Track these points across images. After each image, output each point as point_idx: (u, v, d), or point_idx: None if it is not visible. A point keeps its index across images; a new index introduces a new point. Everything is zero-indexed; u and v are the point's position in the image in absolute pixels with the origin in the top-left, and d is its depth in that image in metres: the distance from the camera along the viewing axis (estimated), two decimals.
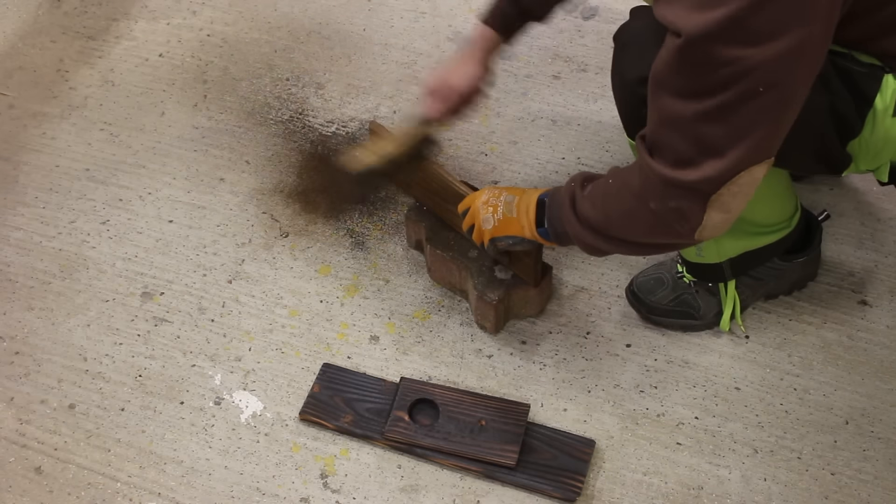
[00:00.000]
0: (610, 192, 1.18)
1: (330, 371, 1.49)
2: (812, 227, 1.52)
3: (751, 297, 1.52)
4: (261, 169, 1.81)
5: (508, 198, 1.34)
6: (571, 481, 1.35)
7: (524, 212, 1.31)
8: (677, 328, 1.53)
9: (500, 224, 1.34)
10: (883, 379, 1.46)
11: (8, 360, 1.54)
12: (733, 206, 1.09)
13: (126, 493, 1.38)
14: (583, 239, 1.23)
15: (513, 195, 1.35)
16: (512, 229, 1.33)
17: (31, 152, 1.87)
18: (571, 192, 1.23)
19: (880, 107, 1.16)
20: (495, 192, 1.37)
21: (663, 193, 1.09)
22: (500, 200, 1.35)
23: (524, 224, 1.31)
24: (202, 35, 2.10)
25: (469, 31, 2.01)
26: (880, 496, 1.34)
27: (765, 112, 1.01)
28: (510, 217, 1.33)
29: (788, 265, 1.50)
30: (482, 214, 1.36)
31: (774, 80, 0.98)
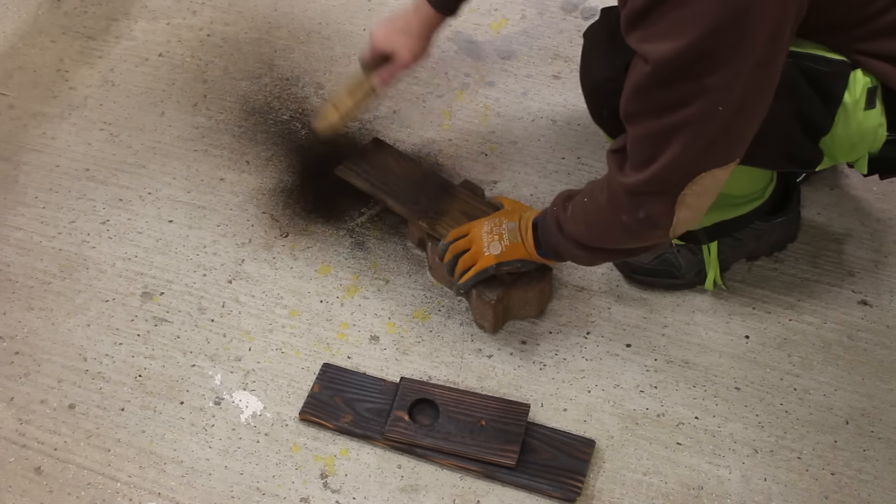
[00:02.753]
0: (586, 210, 1.27)
1: (330, 371, 1.49)
2: (790, 189, 1.56)
3: (731, 257, 1.56)
4: (261, 169, 1.81)
5: (510, 225, 1.42)
6: (571, 481, 1.35)
7: (524, 236, 1.40)
8: (659, 287, 1.57)
9: (507, 250, 1.41)
10: (883, 379, 1.46)
11: (8, 360, 1.54)
12: (700, 205, 1.17)
13: (126, 493, 1.39)
14: (573, 255, 1.34)
15: (513, 222, 1.42)
16: (518, 253, 1.41)
17: (31, 152, 1.87)
18: (555, 214, 1.33)
19: (850, 102, 1.17)
20: (495, 220, 1.44)
21: (631, 205, 1.18)
22: (504, 228, 1.42)
23: (523, 247, 1.40)
24: (202, 35, 2.10)
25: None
26: (880, 496, 1.34)
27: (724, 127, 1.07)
28: (516, 243, 1.41)
29: (767, 225, 1.53)
30: (488, 242, 1.42)
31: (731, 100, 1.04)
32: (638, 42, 1.06)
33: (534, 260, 1.41)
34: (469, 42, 2.03)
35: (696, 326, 1.53)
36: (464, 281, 1.44)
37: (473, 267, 1.43)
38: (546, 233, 1.36)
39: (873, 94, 1.17)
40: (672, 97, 1.06)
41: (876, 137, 1.21)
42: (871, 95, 1.17)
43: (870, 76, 1.17)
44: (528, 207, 1.47)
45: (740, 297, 1.57)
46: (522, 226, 1.41)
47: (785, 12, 1.02)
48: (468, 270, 1.44)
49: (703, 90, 1.04)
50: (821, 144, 1.23)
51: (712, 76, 1.02)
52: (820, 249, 1.62)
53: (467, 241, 1.45)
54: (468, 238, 1.45)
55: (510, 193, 1.73)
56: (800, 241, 1.63)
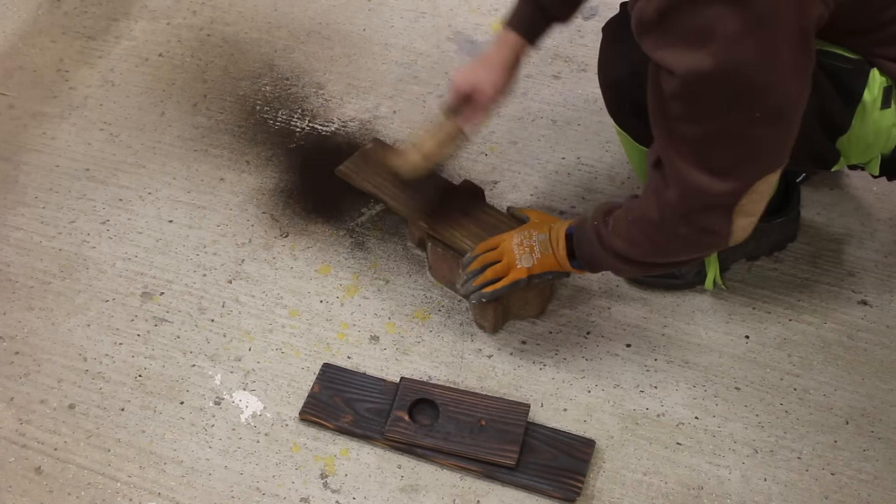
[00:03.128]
0: (632, 226, 1.24)
1: (330, 371, 1.49)
2: (791, 189, 1.56)
3: (731, 256, 1.56)
4: (261, 169, 1.81)
5: (540, 237, 1.40)
6: (571, 481, 1.35)
7: (556, 248, 1.38)
8: (659, 287, 1.57)
9: (539, 262, 1.40)
10: (883, 379, 1.46)
11: (8, 360, 1.54)
12: (756, 210, 1.15)
13: (126, 493, 1.39)
14: (614, 267, 1.32)
15: (543, 233, 1.41)
16: (549, 265, 1.40)
17: (31, 152, 1.87)
18: (596, 228, 1.30)
19: (868, 101, 1.18)
20: (525, 233, 1.42)
21: (686, 220, 1.16)
22: (535, 240, 1.41)
23: (556, 259, 1.39)
24: (202, 35, 2.10)
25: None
26: (880, 496, 1.34)
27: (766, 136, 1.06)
28: (547, 254, 1.39)
29: (767, 225, 1.53)
30: (519, 255, 1.40)
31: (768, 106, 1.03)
32: (652, 49, 1.05)
33: (564, 270, 1.40)
34: (469, 42, 2.03)
35: (696, 326, 1.53)
36: (492, 290, 1.41)
37: (505, 278, 1.41)
38: (584, 245, 1.34)
39: (889, 93, 1.18)
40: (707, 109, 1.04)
41: (890, 137, 1.22)
42: (886, 95, 1.18)
43: (885, 76, 1.17)
44: (555, 219, 1.45)
45: (740, 297, 1.57)
46: (553, 237, 1.39)
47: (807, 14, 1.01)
48: (496, 280, 1.42)
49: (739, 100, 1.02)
50: (838, 144, 1.24)
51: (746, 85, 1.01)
52: (820, 249, 1.62)
53: (498, 253, 1.43)
54: (499, 250, 1.43)
55: (510, 193, 1.73)
56: (800, 241, 1.63)
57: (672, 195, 1.14)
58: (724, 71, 0.99)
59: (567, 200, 1.72)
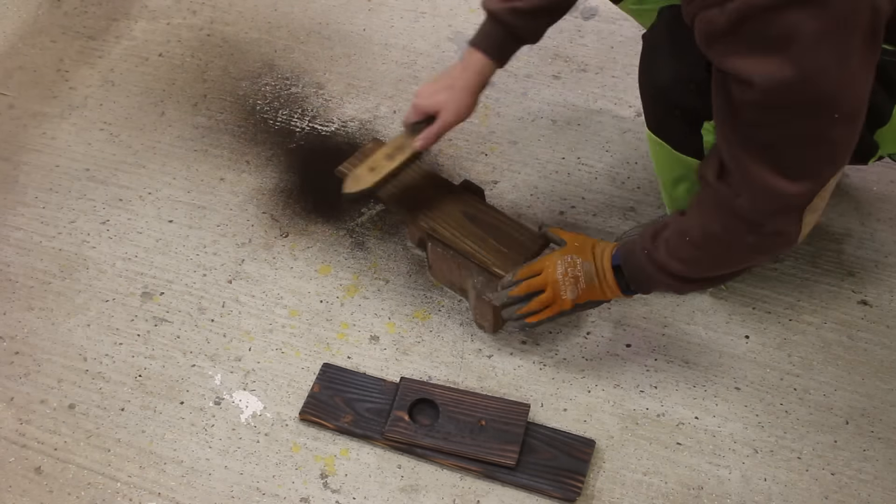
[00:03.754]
0: (692, 245, 1.22)
1: (330, 371, 1.49)
2: None
3: None
4: (261, 169, 1.81)
5: (586, 265, 1.35)
6: (571, 481, 1.35)
7: (603, 278, 1.34)
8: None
9: (583, 293, 1.36)
10: (883, 379, 1.46)
11: (8, 360, 1.54)
12: (821, 205, 1.19)
13: (126, 493, 1.39)
14: (680, 289, 1.32)
15: (588, 262, 1.36)
16: (594, 295, 1.36)
17: (31, 152, 1.87)
18: (648, 255, 1.27)
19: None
20: (568, 260, 1.37)
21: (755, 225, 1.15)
22: (579, 270, 1.36)
23: (606, 290, 1.35)
24: (202, 35, 2.10)
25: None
26: (880, 496, 1.34)
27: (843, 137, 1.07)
28: (592, 284, 1.35)
29: None
30: (564, 286, 1.36)
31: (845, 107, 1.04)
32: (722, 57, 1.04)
33: (609, 299, 1.37)
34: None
35: (696, 326, 1.53)
36: (537, 320, 1.39)
37: (550, 309, 1.38)
38: (638, 273, 1.31)
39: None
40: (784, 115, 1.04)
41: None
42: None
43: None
44: (594, 241, 1.39)
45: (740, 297, 1.56)
46: (599, 267, 1.35)
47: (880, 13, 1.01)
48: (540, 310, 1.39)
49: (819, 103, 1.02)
50: (876, 136, 1.25)
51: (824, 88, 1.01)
52: (820, 249, 1.62)
53: (542, 282, 1.38)
54: (543, 279, 1.38)
55: (510, 193, 1.73)
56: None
57: (744, 203, 1.13)
58: (803, 77, 0.99)
59: (567, 200, 1.72)
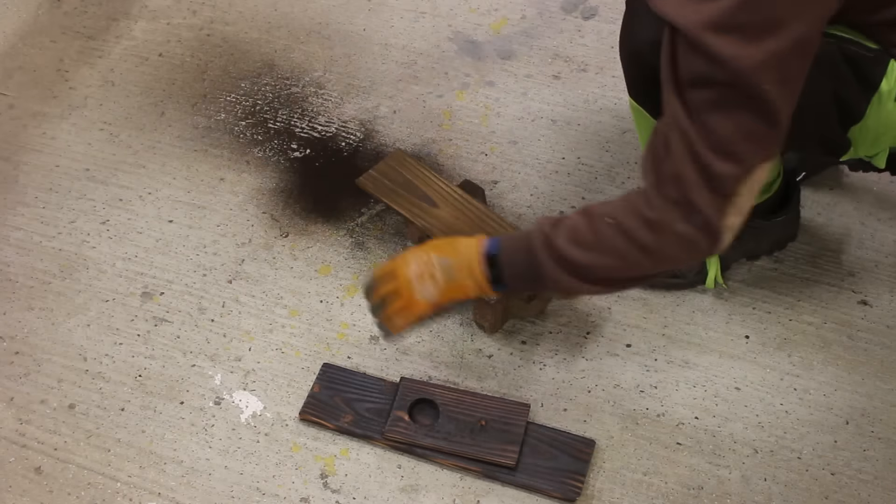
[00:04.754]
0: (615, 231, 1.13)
1: (330, 371, 1.49)
2: (790, 188, 1.56)
3: (732, 255, 1.55)
4: (261, 169, 1.81)
5: (444, 261, 1.23)
6: (571, 481, 1.35)
7: (465, 273, 1.23)
8: (659, 287, 1.56)
9: (443, 292, 1.24)
10: (883, 379, 1.46)
11: (8, 360, 1.54)
12: (746, 206, 1.09)
13: (126, 493, 1.39)
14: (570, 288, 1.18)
15: (447, 257, 1.24)
16: (458, 294, 1.25)
17: (31, 152, 1.87)
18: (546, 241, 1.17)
19: (885, 90, 1.18)
20: (423, 256, 1.25)
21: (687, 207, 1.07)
22: (435, 266, 1.24)
23: (470, 284, 1.23)
24: (202, 35, 2.10)
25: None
26: (880, 496, 1.34)
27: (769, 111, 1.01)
28: (454, 282, 1.23)
29: (768, 224, 1.53)
30: (417, 287, 1.24)
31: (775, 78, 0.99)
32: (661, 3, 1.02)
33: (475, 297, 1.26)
34: (469, 42, 2.03)
35: (696, 326, 1.53)
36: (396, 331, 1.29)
37: (405, 315, 1.27)
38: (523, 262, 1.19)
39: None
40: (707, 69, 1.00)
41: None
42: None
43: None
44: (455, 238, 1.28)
45: (740, 297, 1.56)
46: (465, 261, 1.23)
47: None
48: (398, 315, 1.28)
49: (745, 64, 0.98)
50: (850, 134, 1.24)
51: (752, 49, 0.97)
52: (820, 249, 1.62)
53: (393, 287, 1.26)
54: (394, 283, 1.27)
55: (510, 193, 1.73)
56: (800, 240, 1.63)
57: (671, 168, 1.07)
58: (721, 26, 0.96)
59: (567, 200, 1.72)
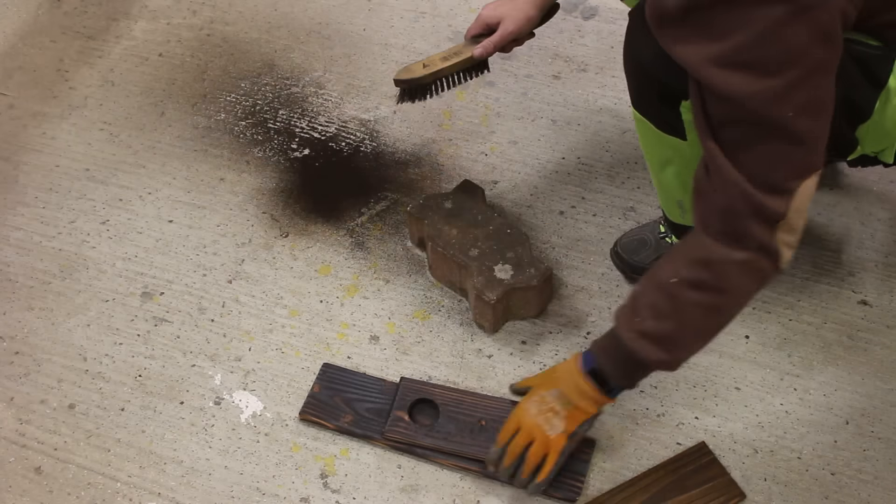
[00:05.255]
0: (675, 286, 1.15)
1: (330, 371, 1.49)
2: None
3: None
4: (261, 169, 1.81)
5: (554, 393, 1.28)
6: (571, 481, 1.35)
7: (578, 395, 1.27)
8: None
9: (568, 419, 1.28)
10: (883, 379, 1.46)
11: (8, 360, 1.54)
12: (798, 224, 1.10)
13: (126, 493, 1.39)
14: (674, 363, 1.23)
15: (555, 388, 1.28)
16: (580, 418, 1.28)
17: (31, 152, 1.87)
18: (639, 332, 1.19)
19: (893, 86, 1.18)
20: (536, 399, 1.30)
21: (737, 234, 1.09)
22: (551, 400, 1.28)
23: (586, 405, 1.27)
24: (202, 35, 2.10)
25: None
26: (880, 496, 1.34)
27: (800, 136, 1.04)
28: (570, 407, 1.28)
29: None
30: (544, 425, 1.28)
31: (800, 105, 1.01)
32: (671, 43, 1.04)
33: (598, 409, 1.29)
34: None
35: None
36: (544, 478, 1.29)
37: (548, 457, 1.29)
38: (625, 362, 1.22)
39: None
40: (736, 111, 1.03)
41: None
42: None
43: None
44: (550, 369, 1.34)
45: None
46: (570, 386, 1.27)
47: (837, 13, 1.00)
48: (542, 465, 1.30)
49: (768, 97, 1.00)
50: (857, 132, 1.24)
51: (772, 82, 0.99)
52: (820, 249, 1.62)
53: (526, 435, 1.29)
54: (524, 432, 1.30)
55: (510, 193, 1.73)
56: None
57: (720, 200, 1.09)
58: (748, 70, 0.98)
59: (567, 200, 1.72)
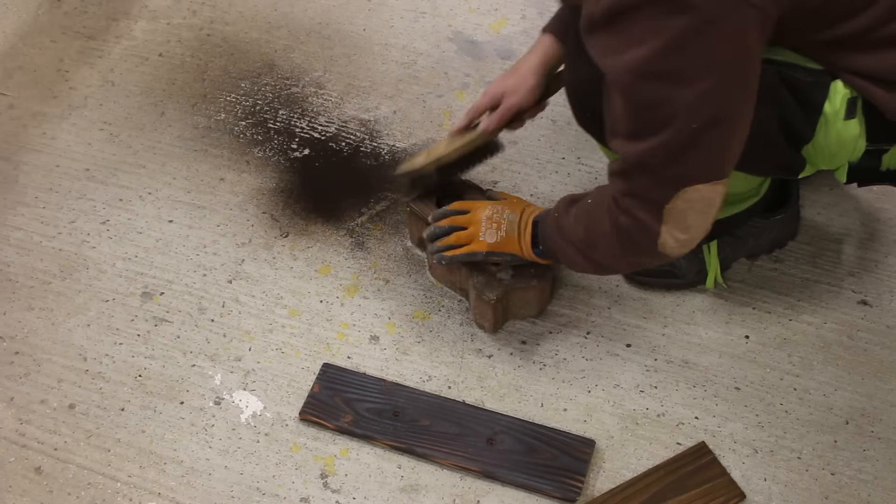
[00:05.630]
0: (589, 212, 1.26)
1: (330, 371, 1.49)
2: (789, 185, 1.56)
3: (732, 255, 1.55)
4: (261, 169, 1.81)
5: (511, 216, 1.40)
6: (571, 481, 1.35)
7: (522, 232, 1.39)
8: (660, 287, 1.57)
9: (501, 241, 1.40)
10: (883, 379, 1.46)
11: (8, 360, 1.54)
12: (690, 223, 1.15)
13: (126, 493, 1.39)
14: (569, 258, 1.32)
15: (514, 213, 1.40)
16: (511, 248, 1.40)
17: (31, 152, 1.87)
18: (556, 217, 1.32)
19: (830, 112, 1.17)
20: (497, 208, 1.42)
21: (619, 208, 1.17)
22: (504, 218, 1.40)
23: (521, 244, 1.39)
24: (202, 35, 2.10)
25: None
26: (880, 496, 1.34)
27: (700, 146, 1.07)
28: (512, 236, 1.39)
29: (767, 223, 1.53)
30: (484, 229, 1.41)
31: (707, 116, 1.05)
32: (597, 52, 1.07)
33: (525, 257, 1.41)
34: (469, 42, 2.03)
35: (696, 326, 1.53)
36: (451, 255, 1.44)
37: (465, 246, 1.43)
38: (546, 233, 1.35)
39: (854, 104, 1.17)
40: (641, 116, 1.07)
41: (856, 147, 1.20)
42: (851, 106, 1.17)
43: (849, 87, 1.16)
44: (530, 204, 1.45)
45: (740, 297, 1.57)
46: (523, 221, 1.39)
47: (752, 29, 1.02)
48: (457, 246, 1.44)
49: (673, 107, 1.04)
50: (803, 152, 1.24)
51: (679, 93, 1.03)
52: (820, 249, 1.62)
53: (467, 220, 1.44)
54: (468, 217, 1.44)
55: (510, 193, 1.73)
56: (800, 240, 1.63)
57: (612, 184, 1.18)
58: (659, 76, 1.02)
59: None
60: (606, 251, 1.25)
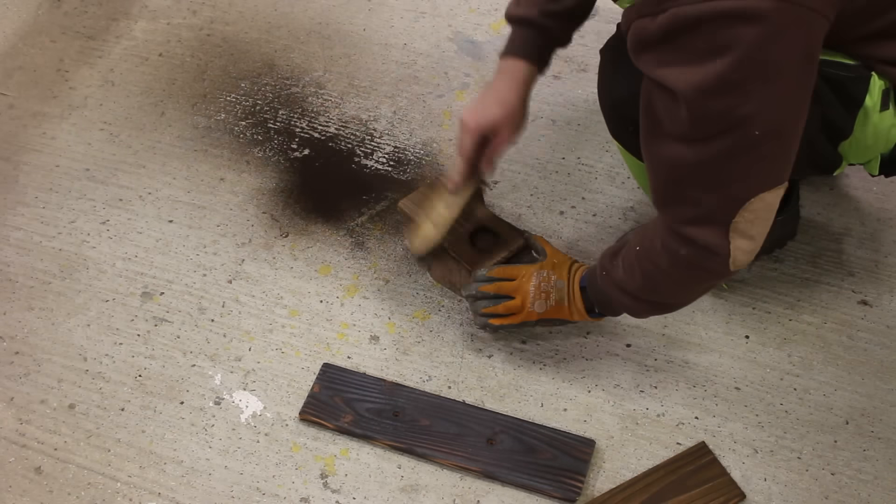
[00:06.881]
0: (640, 256, 1.23)
1: (330, 371, 1.49)
2: (790, 186, 1.54)
3: None
4: (261, 169, 1.81)
5: (559, 283, 1.37)
6: (571, 481, 1.35)
7: (572, 299, 1.37)
8: None
9: (551, 310, 1.38)
10: (883, 379, 1.46)
11: (8, 360, 1.54)
12: (756, 231, 1.12)
13: (126, 493, 1.39)
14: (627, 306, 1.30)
15: (562, 280, 1.38)
16: (561, 315, 1.39)
17: (31, 152, 1.87)
18: (607, 277, 1.29)
19: (870, 105, 1.19)
20: (544, 275, 1.39)
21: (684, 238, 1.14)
22: (552, 287, 1.37)
23: (573, 311, 1.37)
24: (202, 35, 2.10)
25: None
26: (880, 496, 1.34)
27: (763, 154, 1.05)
28: (562, 305, 1.37)
29: None
30: (534, 298, 1.38)
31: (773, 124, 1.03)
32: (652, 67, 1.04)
33: (575, 320, 1.39)
34: (469, 42, 2.03)
35: (696, 326, 1.53)
36: (500, 324, 1.42)
37: (515, 316, 1.40)
38: (600, 295, 1.33)
39: (887, 95, 1.19)
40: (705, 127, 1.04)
41: (889, 138, 1.22)
42: (885, 97, 1.18)
43: (884, 79, 1.18)
44: (569, 259, 1.41)
45: (740, 297, 1.56)
46: (571, 288, 1.37)
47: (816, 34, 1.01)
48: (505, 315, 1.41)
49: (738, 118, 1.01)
50: (840, 149, 1.24)
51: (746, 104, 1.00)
52: (820, 249, 1.62)
53: (514, 288, 1.40)
54: (515, 285, 1.40)
55: (510, 193, 1.73)
56: (800, 240, 1.63)
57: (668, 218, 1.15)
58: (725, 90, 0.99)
59: (567, 200, 1.72)
60: (671, 289, 1.23)
